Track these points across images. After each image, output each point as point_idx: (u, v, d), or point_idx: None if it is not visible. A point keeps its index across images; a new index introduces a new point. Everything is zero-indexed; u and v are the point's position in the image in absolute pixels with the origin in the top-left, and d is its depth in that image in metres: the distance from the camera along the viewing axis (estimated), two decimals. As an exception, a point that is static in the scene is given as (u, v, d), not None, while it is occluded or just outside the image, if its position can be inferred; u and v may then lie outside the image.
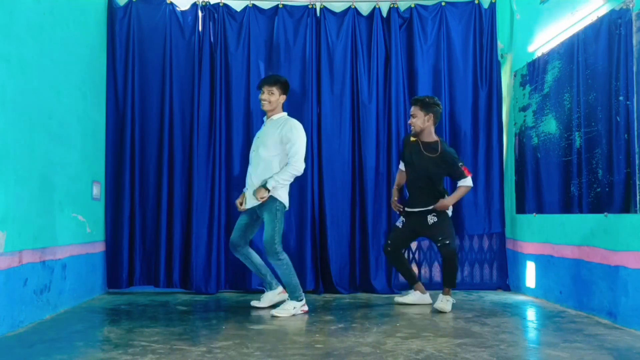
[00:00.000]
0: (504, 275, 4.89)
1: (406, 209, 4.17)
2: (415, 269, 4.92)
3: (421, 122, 4.03)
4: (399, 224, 4.23)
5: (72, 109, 3.99)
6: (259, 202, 3.76)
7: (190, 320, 3.57)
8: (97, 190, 4.50)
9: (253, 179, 3.85)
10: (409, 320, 3.54)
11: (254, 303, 4.05)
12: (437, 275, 4.94)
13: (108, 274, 4.65)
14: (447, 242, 3.90)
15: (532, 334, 3.28)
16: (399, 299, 4.22)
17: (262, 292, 4.16)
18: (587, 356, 2.61)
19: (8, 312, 3.05)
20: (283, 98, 3.93)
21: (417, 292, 4.21)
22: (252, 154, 3.97)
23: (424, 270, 4.96)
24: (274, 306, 3.91)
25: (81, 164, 4.16)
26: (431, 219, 4.02)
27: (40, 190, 3.46)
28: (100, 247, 4.54)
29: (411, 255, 4.94)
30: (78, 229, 4.08)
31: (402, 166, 4.28)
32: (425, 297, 4.20)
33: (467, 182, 3.99)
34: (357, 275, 4.79)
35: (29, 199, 3.30)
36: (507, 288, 4.86)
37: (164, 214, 4.68)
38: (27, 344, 2.84)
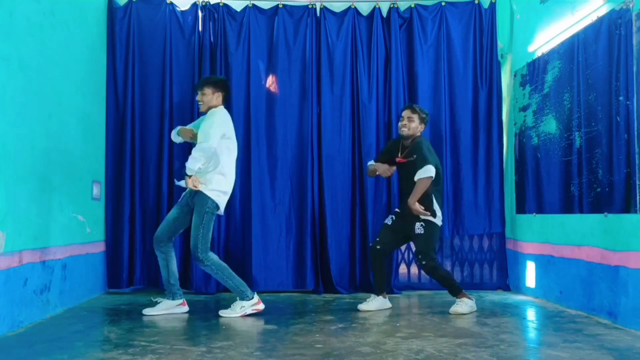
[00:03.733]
0: (504, 275, 4.88)
1: (397, 210, 4.08)
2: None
3: (416, 127, 3.98)
4: (388, 221, 4.04)
5: (72, 109, 3.99)
6: (191, 190, 3.66)
7: (190, 320, 3.57)
8: (97, 190, 4.49)
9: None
10: (409, 320, 3.54)
11: (145, 311, 3.71)
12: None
13: (108, 274, 4.65)
14: (424, 262, 3.80)
15: (532, 334, 3.28)
16: (362, 306, 3.90)
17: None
18: (587, 356, 2.61)
19: (8, 312, 3.05)
20: (217, 95, 3.80)
21: (380, 297, 3.98)
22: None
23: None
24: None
25: (81, 164, 4.16)
26: (418, 228, 3.84)
27: (40, 190, 3.46)
28: (100, 247, 4.54)
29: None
30: (78, 229, 4.08)
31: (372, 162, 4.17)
32: (386, 302, 4.01)
33: (425, 172, 3.75)
34: (357, 275, 4.79)
35: (28, 199, 3.30)
36: (507, 288, 4.85)
37: (164, 214, 4.66)
38: (27, 344, 2.84)
